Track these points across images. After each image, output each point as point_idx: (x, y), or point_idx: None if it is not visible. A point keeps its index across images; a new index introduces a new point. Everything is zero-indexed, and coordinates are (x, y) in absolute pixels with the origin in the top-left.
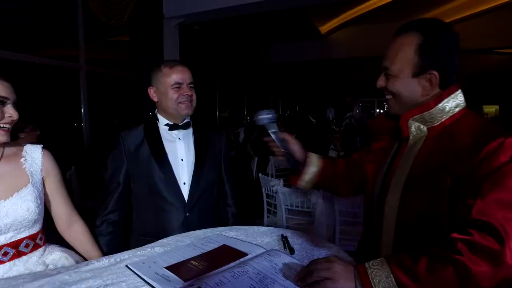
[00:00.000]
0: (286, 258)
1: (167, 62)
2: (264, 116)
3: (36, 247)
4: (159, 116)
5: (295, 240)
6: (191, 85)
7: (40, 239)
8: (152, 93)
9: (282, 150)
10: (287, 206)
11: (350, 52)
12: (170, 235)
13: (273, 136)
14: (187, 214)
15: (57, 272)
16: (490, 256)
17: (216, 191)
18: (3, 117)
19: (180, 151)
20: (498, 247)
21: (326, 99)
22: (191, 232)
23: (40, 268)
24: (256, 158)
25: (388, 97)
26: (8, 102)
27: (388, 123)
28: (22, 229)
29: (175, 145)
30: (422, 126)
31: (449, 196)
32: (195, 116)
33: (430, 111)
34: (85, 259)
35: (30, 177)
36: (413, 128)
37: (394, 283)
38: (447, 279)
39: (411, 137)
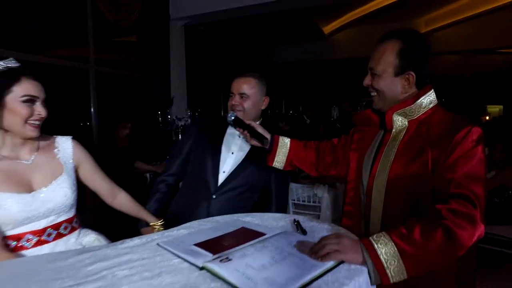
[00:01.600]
0: (300, 237)
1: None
2: (229, 116)
3: (73, 229)
4: None
5: (306, 224)
6: (242, 95)
7: (76, 222)
8: None
9: (247, 135)
10: (294, 200)
11: (353, 52)
12: (196, 212)
13: (239, 125)
14: (214, 196)
15: (99, 248)
16: (468, 218)
17: (251, 200)
18: (32, 114)
19: (234, 146)
20: (473, 212)
21: (329, 99)
22: (211, 218)
23: (77, 247)
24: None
25: (373, 94)
26: (37, 100)
27: (368, 117)
28: (61, 213)
29: (232, 140)
30: (403, 119)
31: (432, 171)
32: (205, 115)
33: (410, 106)
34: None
35: (64, 166)
36: (396, 121)
37: (395, 249)
38: (437, 240)
39: (394, 129)
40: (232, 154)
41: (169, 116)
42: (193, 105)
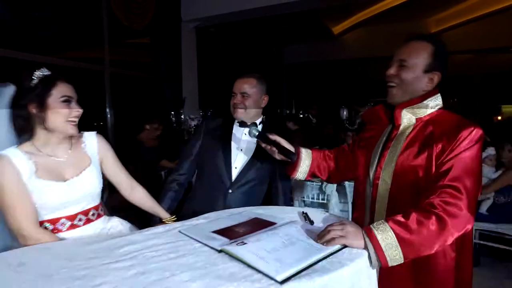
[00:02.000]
0: (308, 226)
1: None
2: (253, 131)
3: (99, 216)
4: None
5: (313, 216)
6: (243, 94)
7: (101, 210)
8: None
9: (275, 150)
10: (303, 198)
11: (363, 52)
12: (214, 206)
13: (263, 139)
14: (230, 191)
15: (128, 234)
16: (459, 209)
17: (262, 191)
18: (71, 113)
19: (242, 144)
20: (464, 203)
21: (338, 99)
22: (226, 210)
23: (104, 231)
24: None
25: (392, 85)
26: (73, 100)
27: (377, 114)
28: (89, 201)
29: (240, 138)
30: (411, 116)
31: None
32: (216, 115)
33: (418, 104)
34: (135, 228)
35: (91, 159)
36: (404, 118)
37: (393, 235)
38: (430, 228)
39: (402, 125)
40: (241, 151)
41: (181, 116)
42: (205, 105)
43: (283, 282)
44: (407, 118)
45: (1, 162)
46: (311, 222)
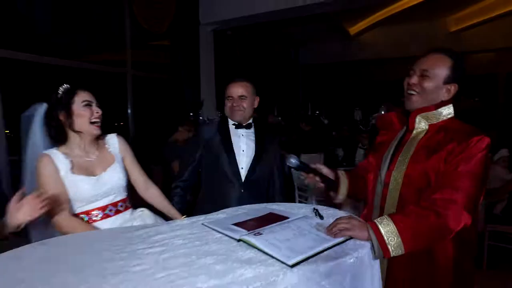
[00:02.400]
0: (318, 221)
1: (236, 78)
2: (293, 161)
3: (127, 208)
4: (229, 118)
5: (323, 212)
6: (241, 97)
7: (128, 202)
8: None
9: (316, 179)
10: (318, 197)
11: (380, 53)
12: (229, 206)
13: (305, 168)
14: (242, 190)
15: (157, 225)
16: (457, 207)
17: (267, 184)
18: (93, 114)
19: (242, 144)
20: (463, 203)
21: (354, 100)
22: (243, 206)
23: (129, 223)
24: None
25: (413, 93)
26: (93, 103)
27: (391, 120)
28: (117, 194)
29: (239, 139)
30: (424, 122)
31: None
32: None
33: (432, 111)
34: (160, 218)
35: (114, 157)
36: (418, 123)
37: (395, 228)
38: (429, 223)
39: (414, 130)
40: (243, 151)
41: (200, 118)
42: (222, 107)
43: (293, 266)
44: (421, 123)
45: (44, 159)
46: (321, 217)
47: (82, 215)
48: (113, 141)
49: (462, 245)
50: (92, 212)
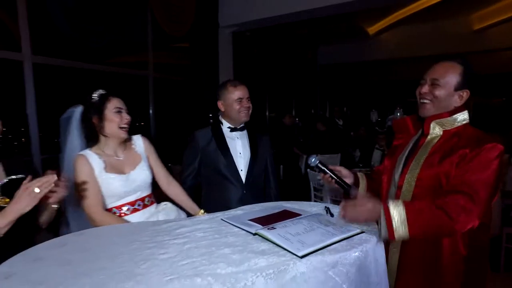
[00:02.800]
0: (328, 218)
1: (231, 82)
2: (313, 160)
3: (152, 202)
4: (223, 121)
5: (334, 210)
6: (249, 99)
7: (153, 198)
8: (220, 105)
9: (334, 181)
10: (332, 197)
11: (400, 52)
12: (231, 207)
13: (324, 169)
14: (244, 191)
15: (180, 220)
16: (466, 211)
17: (263, 178)
18: (122, 120)
19: (238, 147)
20: (473, 208)
21: (373, 100)
22: (260, 204)
23: (154, 216)
24: (305, 156)
25: (426, 101)
26: (123, 110)
27: (406, 125)
28: (143, 190)
29: (234, 142)
30: (439, 128)
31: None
32: (251, 117)
33: (446, 118)
34: (182, 211)
35: (141, 156)
36: (433, 129)
37: (403, 212)
38: (437, 218)
39: (430, 135)
40: (240, 154)
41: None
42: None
43: (302, 257)
44: (435, 129)
45: (80, 159)
46: (331, 215)
47: (114, 210)
48: (139, 141)
49: (475, 247)
50: (123, 207)
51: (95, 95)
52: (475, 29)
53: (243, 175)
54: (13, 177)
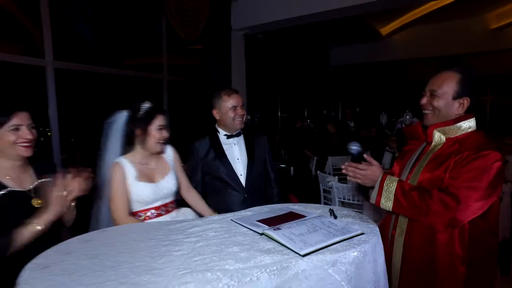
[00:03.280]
0: (331, 219)
1: (225, 90)
2: (354, 147)
3: (173, 208)
4: (219, 129)
5: (338, 212)
6: (243, 106)
7: (175, 204)
8: (215, 113)
9: (354, 179)
10: (340, 199)
11: (414, 52)
12: (233, 211)
13: (359, 160)
14: (245, 195)
15: (193, 220)
16: (445, 207)
17: (264, 178)
18: (162, 137)
19: (236, 153)
20: (456, 208)
21: (386, 101)
22: (269, 205)
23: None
24: (316, 158)
25: (428, 112)
26: (164, 128)
27: (417, 131)
28: (168, 197)
29: (232, 149)
30: (442, 136)
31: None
32: (260, 116)
33: (449, 126)
34: (198, 214)
35: (170, 166)
36: (436, 136)
37: (394, 188)
38: (419, 205)
39: (433, 142)
40: (238, 159)
41: None
42: (252, 110)
43: (304, 255)
44: (438, 136)
45: (117, 166)
46: (335, 217)
47: (139, 213)
48: (169, 152)
49: (479, 251)
50: (148, 212)
51: (143, 108)
52: (492, 28)
53: (243, 179)
54: (43, 180)
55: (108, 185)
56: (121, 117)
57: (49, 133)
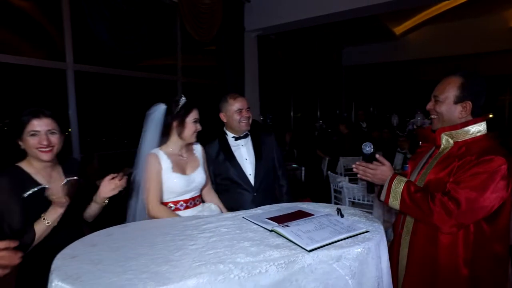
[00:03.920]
0: (338, 218)
1: (231, 94)
2: (367, 148)
3: (200, 202)
4: (227, 132)
5: (345, 211)
6: (249, 108)
7: (201, 198)
8: (222, 116)
9: (364, 179)
10: (351, 199)
11: (429, 52)
12: (244, 209)
13: (371, 160)
14: (255, 194)
15: (207, 217)
16: (445, 210)
17: (272, 176)
18: (197, 128)
19: (244, 153)
20: (453, 209)
21: (400, 101)
22: (279, 204)
23: (200, 214)
24: (327, 159)
25: (434, 117)
26: (198, 121)
27: (428, 134)
28: (196, 191)
29: (240, 150)
30: (450, 140)
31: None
32: (272, 116)
33: (456, 130)
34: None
35: (199, 161)
36: (443, 140)
37: (400, 193)
38: (423, 206)
39: (442, 146)
40: (246, 159)
41: None
42: (265, 111)
43: (310, 251)
44: (446, 140)
45: (153, 157)
46: (342, 216)
47: (170, 204)
48: (198, 148)
49: (485, 257)
50: (178, 204)
51: (180, 103)
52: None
53: (251, 179)
54: (70, 178)
55: (144, 174)
56: (159, 109)
57: (66, 132)
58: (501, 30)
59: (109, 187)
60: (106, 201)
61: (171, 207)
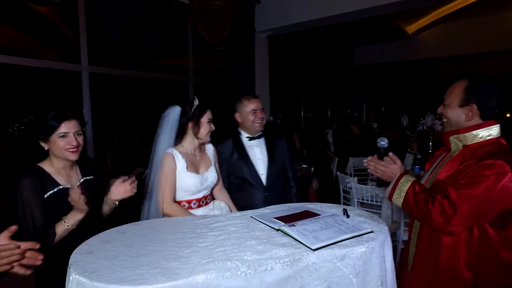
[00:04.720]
0: (343, 218)
1: (246, 96)
2: (382, 143)
3: (211, 200)
4: (242, 132)
5: (351, 212)
6: (263, 109)
7: (212, 196)
8: (237, 117)
9: (375, 175)
10: (359, 199)
11: (443, 51)
12: (255, 208)
13: (384, 155)
14: (266, 193)
15: (216, 216)
16: (443, 214)
17: (283, 177)
18: (211, 128)
19: (257, 153)
20: (451, 213)
21: (412, 101)
22: (286, 204)
23: (211, 212)
24: (337, 159)
25: (444, 120)
26: (211, 121)
27: (442, 138)
28: (208, 190)
29: (254, 150)
30: (458, 143)
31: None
32: (282, 117)
33: (464, 134)
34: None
35: (211, 161)
36: (452, 143)
37: (405, 191)
38: (424, 209)
39: (452, 149)
40: (259, 159)
41: None
42: (276, 111)
43: (315, 249)
44: (455, 144)
45: (169, 157)
46: (348, 216)
47: (183, 203)
48: (210, 148)
49: (490, 265)
50: (191, 202)
51: (195, 103)
52: None
53: (264, 178)
54: (87, 178)
55: (158, 174)
56: (174, 111)
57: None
58: None
59: (120, 190)
60: (117, 203)
61: (184, 205)
